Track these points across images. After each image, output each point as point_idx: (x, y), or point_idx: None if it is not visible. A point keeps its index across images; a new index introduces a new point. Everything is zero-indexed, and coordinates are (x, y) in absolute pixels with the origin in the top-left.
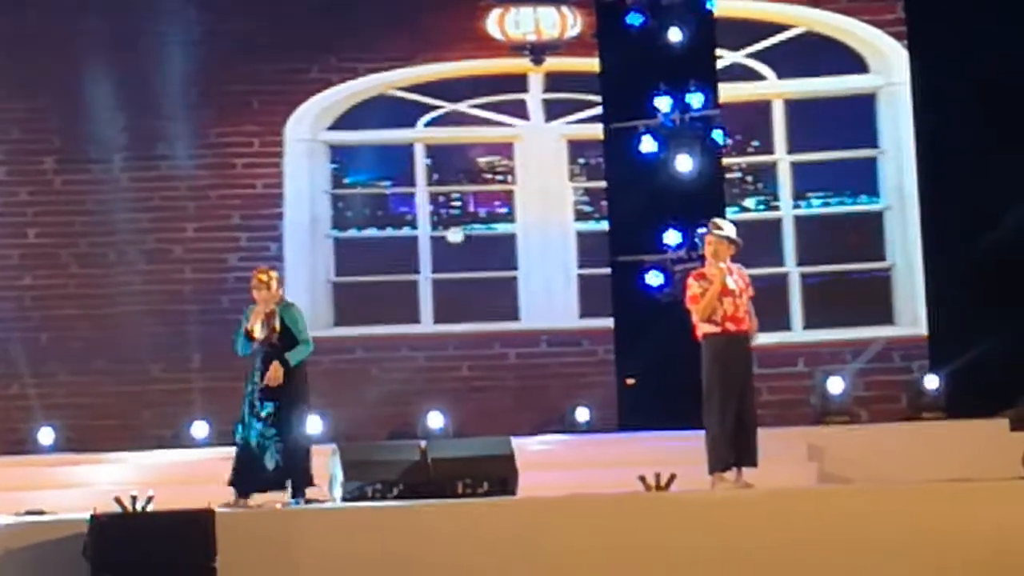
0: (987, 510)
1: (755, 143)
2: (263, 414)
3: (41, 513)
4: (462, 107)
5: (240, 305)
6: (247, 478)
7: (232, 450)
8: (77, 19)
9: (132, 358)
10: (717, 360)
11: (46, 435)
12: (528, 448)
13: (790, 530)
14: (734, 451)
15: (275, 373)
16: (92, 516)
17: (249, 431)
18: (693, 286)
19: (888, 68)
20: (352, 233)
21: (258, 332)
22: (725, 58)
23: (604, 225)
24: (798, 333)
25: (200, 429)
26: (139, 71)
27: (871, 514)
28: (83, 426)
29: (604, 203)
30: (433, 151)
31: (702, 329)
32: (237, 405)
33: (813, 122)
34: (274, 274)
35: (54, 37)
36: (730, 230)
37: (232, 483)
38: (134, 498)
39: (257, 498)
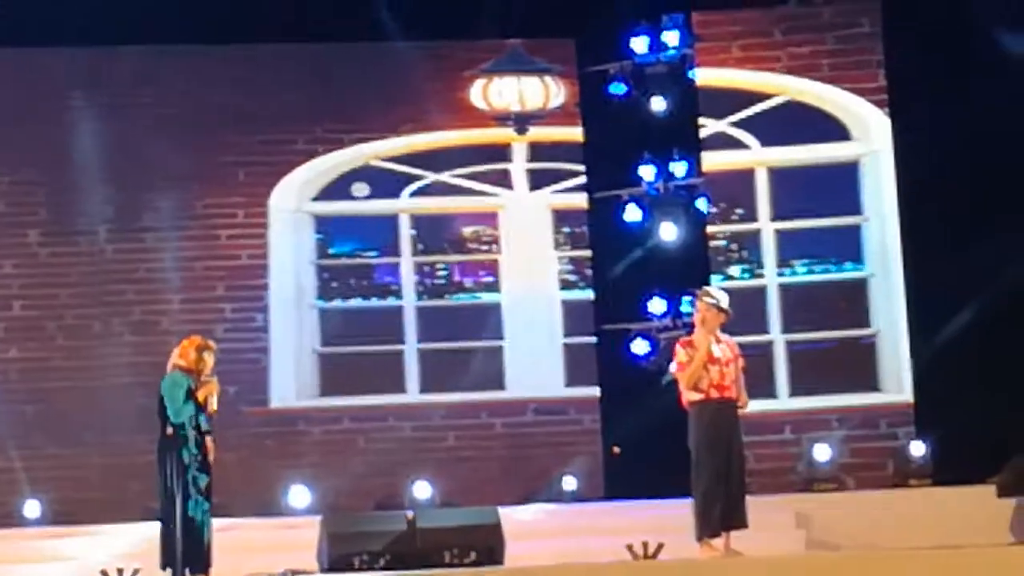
0: None
1: (739, 211)
2: (202, 487)
3: None
4: (446, 177)
5: (226, 376)
6: (196, 555)
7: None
8: (64, 92)
9: (118, 430)
10: (703, 427)
11: (32, 508)
12: (515, 517)
13: None
14: (722, 517)
15: (213, 445)
16: None
17: (196, 507)
18: (680, 353)
19: (870, 135)
20: (337, 303)
21: (213, 404)
22: (708, 127)
23: (589, 293)
24: (784, 400)
25: None
26: (125, 142)
27: None
28: (70, 499)
29: (589, 271)
30: (418, 221)
31: (688, 397)
32: (227, 478)
33: (797, 189)
34: None
35: (40, 110)
36: (720, 298)
37: (186, 563)
38: (120, 571)
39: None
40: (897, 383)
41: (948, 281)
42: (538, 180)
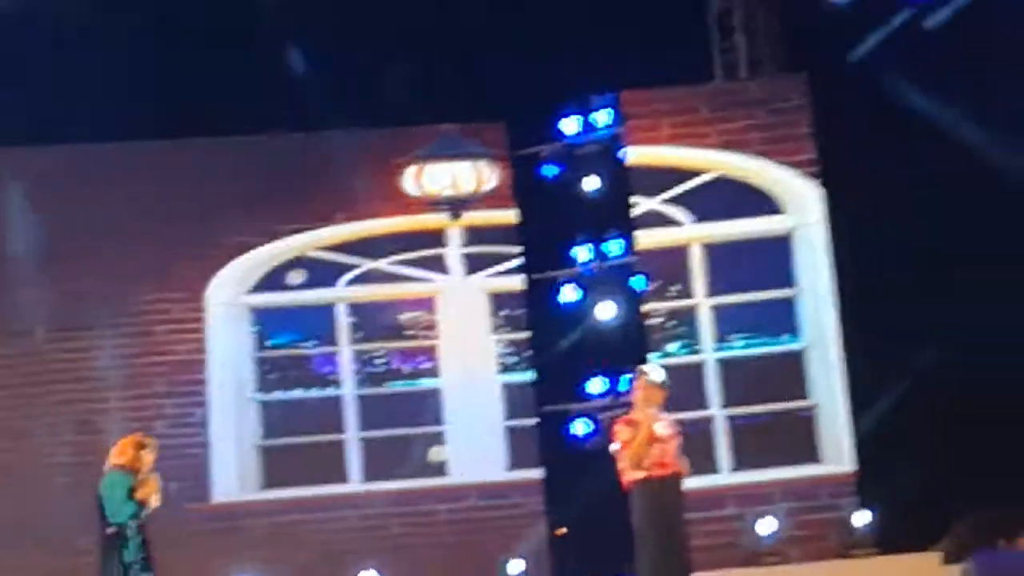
0: None
1: (675, 287)
2: None
3: None
4: (382, 264)
5: (167, 472)
6: None
7: None
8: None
9: (61, 531)
10: (646, 506)
11: None
12: None
13: None
14: None
15: None
16: None
17: None
18: (622, 432)
19: (803, 208)
20: (277, 395)
21: (155, 502)
22: (641, 204)
23: (529, 375)
24: (726, 475)
25: None
26: (59, 240)
27: None
28: None
29: (528, 353)
30: (355, 309)
31: (630, 476)
32: (175, 575)
33: (731, 264)
34: None
35: None
36: (660, 375)
37: None
38: None
39: None
40: (837, 454)
41: (884, 351)
42: (474, 264)
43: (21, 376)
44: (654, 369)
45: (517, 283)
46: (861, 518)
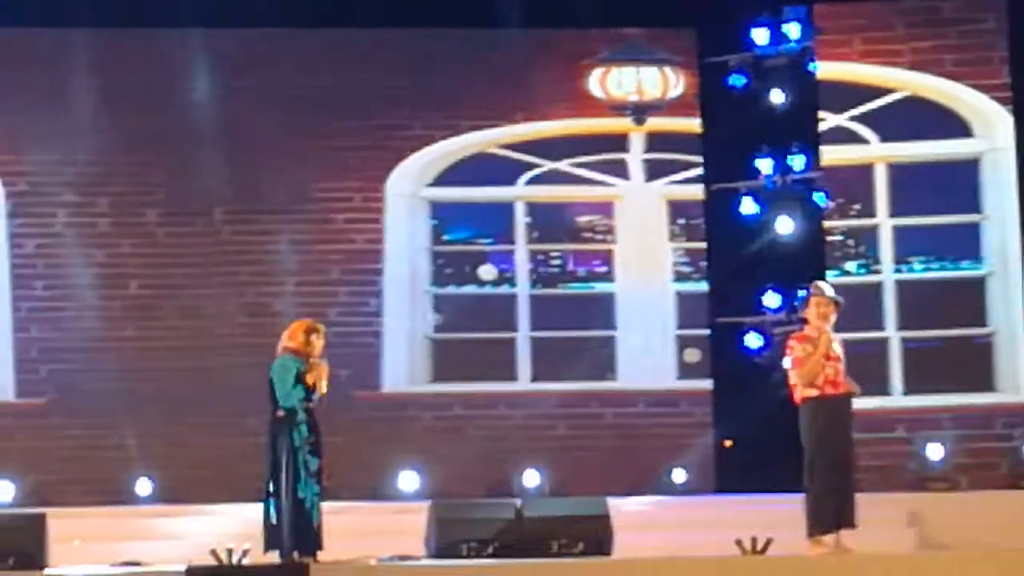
0: None
1: (856, 206)
2: (312, 469)
3: (138, 564)
4: (563, 166)
5: (338, 359)
6: (305, 537)
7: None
8: (184, 74)
9: (230, 411)
10: (818, 424)
11: (144, 486)
12: (624, 509)
13: None
14: (834, 515)
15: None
16: (188, 568)
17: (305, 488)
18: (796, 348)
19: (993, 133)
20: (451, 290)
21: (323, 387)
22: (827, 121)
23: (704, 286)
24: (898, 398)
25: None
26: (241, 125)
27: None
28: (181, 477)
29: (704, 264)
30: (533, 209)
31: (803, 392)
32: (337, 461)
33: (916, 186)
34: None
35: (161, 92)
36: (835, 294)
37: (296, 545)
38: (230, 551)
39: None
40: (1013, 383)
41: None
42: (655, 171)
43: (197, 256)
44: (828, 286)
45: (697, 192)
46: None
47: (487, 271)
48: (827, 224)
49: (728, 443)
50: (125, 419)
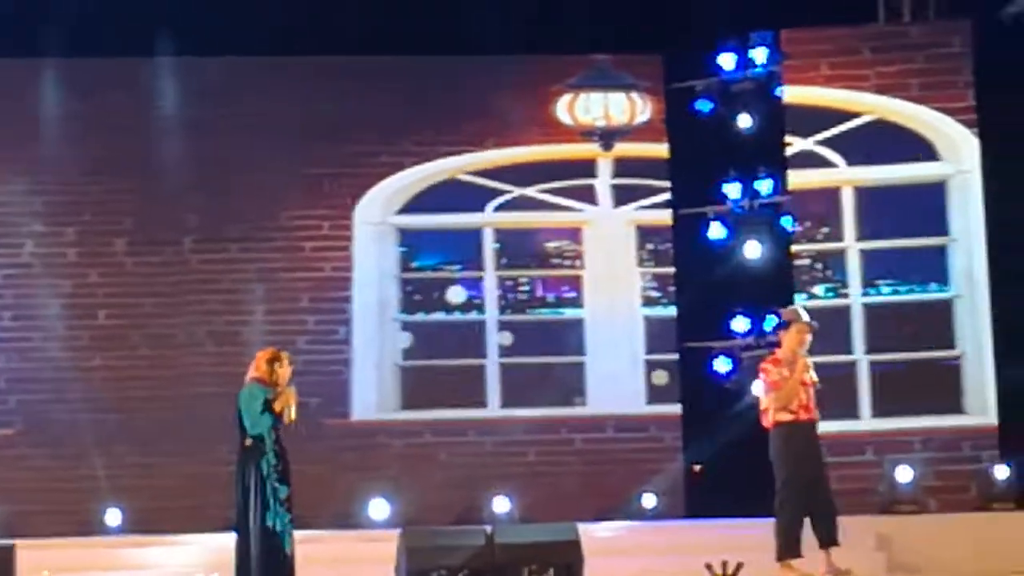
0: None
1: (824, 230)
2: (282, 498)
3: None
4: (531, 192)
5: (308, 388)
6: (276, 566)
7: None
8: (153, 102)
9: (199, 440)
10: (793, 449)
11: (113, 516)
12: (594, 534)
13: None
14: (818, 536)
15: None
16: None
17: (274, 518)
18: (772, 372)
19: (958, 155)
20: (420, 317)
21: (291, 414)
22: (794, 145)
23: (672, 311)
24: (866, 421)
25: None
26: (212, 153)
27: None
28: (150, 508)
29: (672, 289)
30: (502, 235)
31: (775, 417)
32: (307, 490)
33: (883, 209)
34: None
35: (129, 120)
36: (808, 318)
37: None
38: None
39: None
40: (981, 406)
41: None
42: (623, 196)
43: (166, 285)
44: (804, 311)
45: (665, 217)
46: (1002, 472)
47: (456, 293)
48: (795, 248)
49: (698, 467)
50: (94, 449)
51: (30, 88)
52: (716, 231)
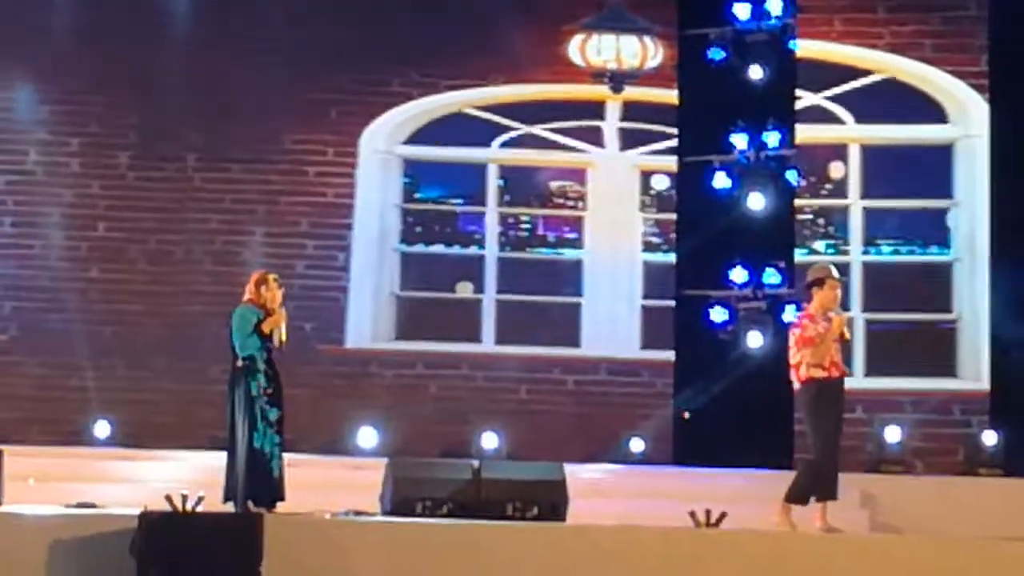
0: None
1: (828, 186)
2: (271, 419)
3: (92, 506)
4: (538, 130)
5: (303, 313)
6: (264, 489)
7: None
8: (164, 17)
9: (193, 357)
10: (827, 403)
11: (102, 428)
12: (580, 475)
13: (837, 574)
14: (821, 491)
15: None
16: (142, 513)
17: (263, 439)
18: (809, 328)
19: (967, 120)
20: (419, 248)
21: (282, 336)
22: (804, 99)
23: (671, 257)
24: (859, 379)
25: None
26: (219, 72)
27: (920, 565)
28: (140, 422)
29: (673, 235)
30: (506, 172)
31: (809, 372)
32: (297, 414)
33: (889, 168)
34: None
35: (139, 34)
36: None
37: (252, 496)
38: (185, 498)
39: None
40: (974, 371)
41: None
42: (629, 140)
43: (167, 201)
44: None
45: (670, 164)
46: (990, 438)
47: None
48: (798, 202)
49: (687, 415)
50: (87, 361)
51: None
52: (721, 181)
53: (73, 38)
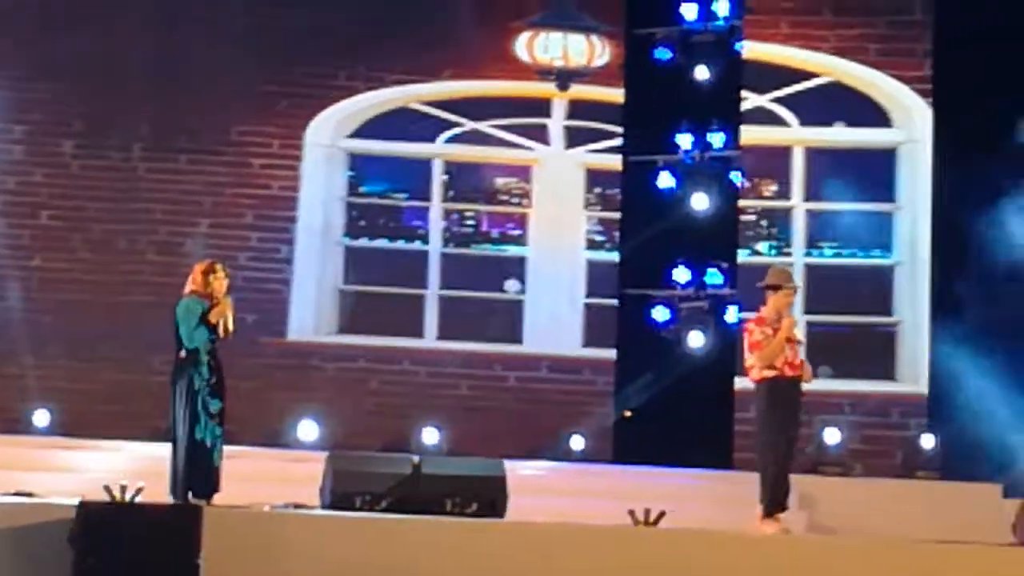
0: (972, 574)
1: (772, 188)
2: (213, 411)
3: (30, 495)
4: (483, 127)
5: (246, 305)
6: (203, 480)
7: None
8: (112, 6)
9: (135, 347)
10: (776, 405)
11: (42, 417)
12: (520, 472)
13: (774, 574)
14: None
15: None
16: (80, 503)
17: (204, 431)
18: (755, 332)
19: (911, 124)
20: (363, 242)
21: (229, 324)
22: (749, 100)
23: (615, 256)
24: None
25: None
26: (168, 62)
27: (855, 567)
28: (79, 411)
29: (616, 234)
30: (451, 168)
31: (762, 373)
32: (238, 406)
33: (832, 171)
34: None
35: (86, 22)
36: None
37: (189, 487)
38: (124, 488)
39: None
40: (913, 374)
41: (975, 277)
42: (575, 138)
43: (111, 191)
44: (790, 272)
45: (615, 163)
46: (928, 441)
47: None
48: (742, 203)
49: (628, 414)
50: (27, 349)
51: None
52: (665, 180)
53: (18, 24)
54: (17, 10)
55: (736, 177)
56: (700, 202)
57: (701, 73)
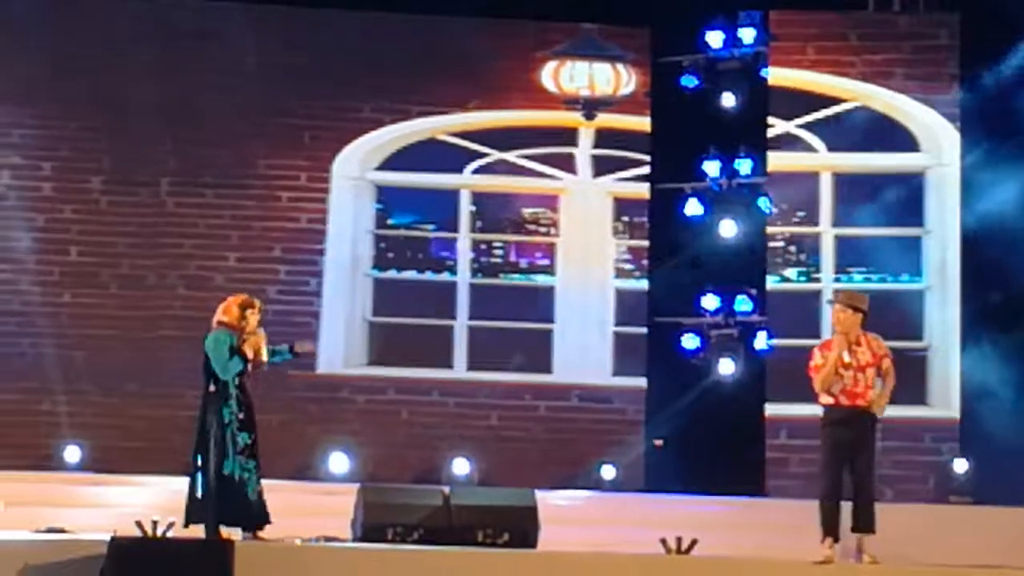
0: None
1: (800, 213)
2: (241, 445)
3: (62, 531)
4: (511, 156)
5: (275, 338)
6: (236, 513)
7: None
8: (135, 43)
9: (165, 382)
10: (828, 431)
11: (72, 453)
12: (551, 502)
13: None
14: (853, 522)
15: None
16: (112, 538)
17: (233, 465)
18: (816, 356)
19: (939, 148)
20: (392, 274)
21: (263, 355)
22: (776, 126)
23: (644, 284)
24: None
25: None
26: (193, 97)
27: None
28: (110, 447)
29: (645, 262)
30: (478, 198)
31: (821, 400)
32: (268, 440)
33: (860, 196)
34: None
35: (111, 59)
36: (857, 300)
37: (220, 521)
38: (155, 523)
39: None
40: (945, 399)
41: (1005, 301)
42: (602, 167)
43: (140, 226)
44: (851, 294)
45: (643, 191)
46: (961, 466)
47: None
48: (770, 230)
49: (659, 442)
50: (58, 385)
51: (15, 20)
52: (693, 207)
53: (45, 63)
54: (44, 51)
55: (764, 203)
56: (728, 229)
57: (727, 100)
